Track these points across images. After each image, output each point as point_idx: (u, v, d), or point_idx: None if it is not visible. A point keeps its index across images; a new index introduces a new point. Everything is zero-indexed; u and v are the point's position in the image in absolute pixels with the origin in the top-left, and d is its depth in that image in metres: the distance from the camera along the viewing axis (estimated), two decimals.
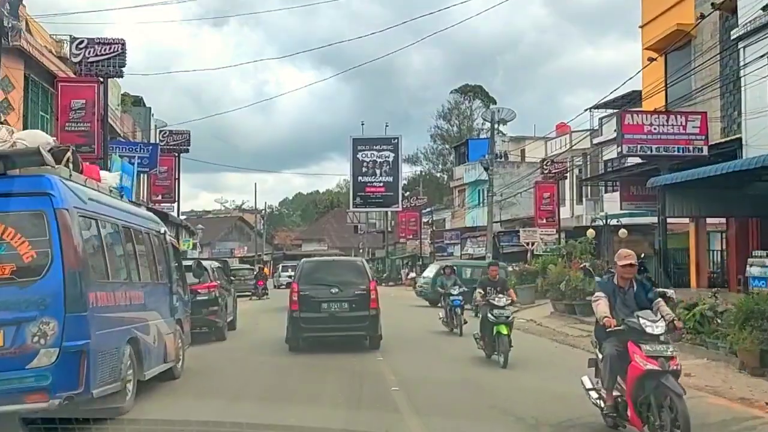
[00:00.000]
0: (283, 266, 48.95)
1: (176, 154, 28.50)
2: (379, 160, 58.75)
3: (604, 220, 26.06)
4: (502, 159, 53.04)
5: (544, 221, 30.97)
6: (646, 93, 20.05)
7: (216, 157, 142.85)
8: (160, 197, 28.24)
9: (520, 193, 40.40)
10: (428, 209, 53.68)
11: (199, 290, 13.95)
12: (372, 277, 13.88)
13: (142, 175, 26.14)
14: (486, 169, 32.93)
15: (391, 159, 58.76)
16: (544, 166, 30.97)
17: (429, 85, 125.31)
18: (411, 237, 50.73)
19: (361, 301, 12.87)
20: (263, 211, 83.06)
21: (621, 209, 20.78)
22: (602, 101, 29.97)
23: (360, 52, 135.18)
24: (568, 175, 31.52)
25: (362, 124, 67.64)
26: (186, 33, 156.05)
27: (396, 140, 59.10)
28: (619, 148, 16.42)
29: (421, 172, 79.88)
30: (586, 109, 37.28)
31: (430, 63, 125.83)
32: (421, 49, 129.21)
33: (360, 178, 58.83)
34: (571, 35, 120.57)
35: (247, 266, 39.72)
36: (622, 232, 25.32)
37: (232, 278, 36.89)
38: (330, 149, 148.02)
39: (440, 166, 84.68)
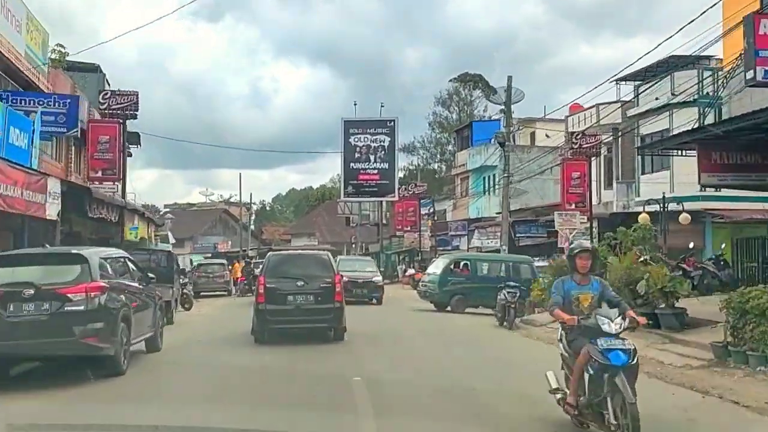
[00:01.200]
0: (255, 263, 45.47)
1: (121, 121, 22.86)
2: (373, 144, 53.12)
3: (661, 204, 20.66)
4: (511, 143, 47.66)
5: (573, 206, 25.46)
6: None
7: (209, 152, 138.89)
8: (99, 173, 22.62)
9: (530, 178, 35.29)
10: (428, 199, 48.04)
11: (66, 294, 8.41)
12: (337, 270, 13.76)
13: (60, 139, 20.59)
14: (502, 144, 27.36)
15: (386, 143, 53.16)
16: (574, 140, 25.41)
17: (425, 82, 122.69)
18: (409, 229, 45.09)
19: (326, 293, 12.96)
20: (249, 204, 77.00)
21: (700, 183, 15.20)
22: (626, 70, 24.67)
23: (356, 48, 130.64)
24: (599, 151, 25.92)
25: (355, 105, 62.11)
26: (181, 28, 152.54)
27: (392, 123, 53.46)
28: (750, 72, 10.72)
29: (417, 165, 74.49)
30: (610, 79, 31.75)
31: (425, 59, 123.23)
32: (416, 46, 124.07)
33: (352, 164, 53.20)
34: (566, 33, 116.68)
35: (219, 261, 34.14)
36: (684, 217, 20.02)
37: (201, 275, 31.90)
38: (325, 145, 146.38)
39: (438, 156, 79.17)
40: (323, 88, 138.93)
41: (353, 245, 62.13)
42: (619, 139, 30.08)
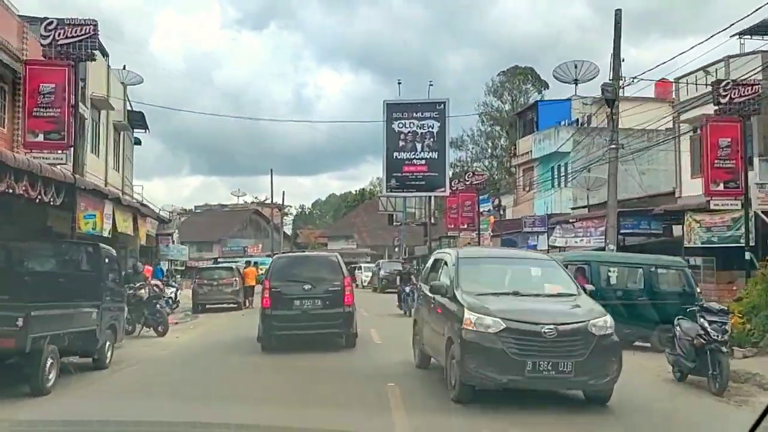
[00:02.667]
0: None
1: (72, 63, 15.85)
2: (420, 131, 45.66)
3: None
4: (585, 124, 39.78)
5: (720, 187, 17.72)
6: None
7: (252, 159, 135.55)
8: (40, 137, 15.63)
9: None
10: (485, 194, 40.27)
11: None
12: (346, 272, 12.92)
13: None
14: (610, 101, 19.45)
15: (435, 129, 45.63)
16: (722, 91, 17.57)
17: (468, 87, 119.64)
18: (465, 227, 37.45)
19: (334, 297, 12.32)
20: (282, 205, 69.81)
21: None
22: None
23: (398, 53, 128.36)
24: (757, 108, 17.93)
25: (399, 84, 54.65)
26: (225, 37, 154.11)
27: (442, 105, 45.86)
28: None
29: (466, 161, 66.64)
30: (734, 35, 23.85)
31: (468, 64, 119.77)
32: (460, 50, 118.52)
33: (396, 154, 45.80)
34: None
35: (226, 266, 26.80)
36: None
37: (204, 283, 24.94)
38: (367, 152, 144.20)
39: (489, 150, 71.24)
40: (365, 94, 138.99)
41: (396, 248, 54.75)
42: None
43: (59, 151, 15.96)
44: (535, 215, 32.94)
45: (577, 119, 40.30)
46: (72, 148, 16.22)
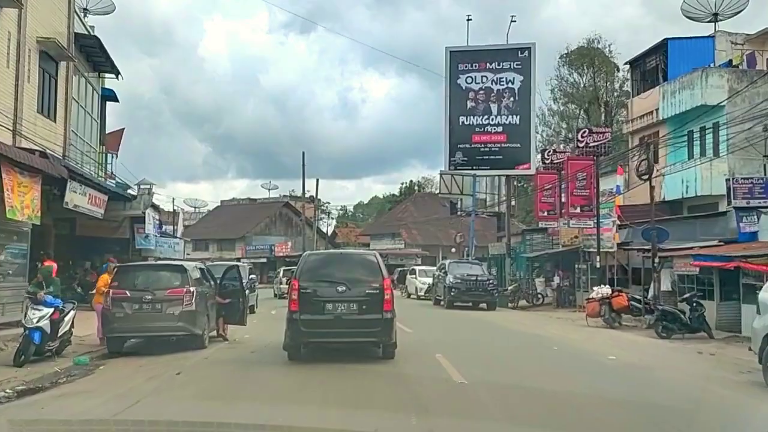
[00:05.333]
0: (284, 270, 34.84)
1: None
2: (496, 87, 33.94)
3: None
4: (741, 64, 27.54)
5: None
6: None
7: (297, 162, 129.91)
8: None
9: None
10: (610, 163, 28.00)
11: None
12: (386, 273, 11.35)
13: None
14: None
15: (516, 85, 33.86)
16: None
17: None
18: (578, 211, 25.38)
19: (372, 301, 10.91)
20: (316, 196, 57.65)
21: None
22: None
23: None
24: None
25: (468, 20, 43.16)
26: (273, 41, 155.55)
27: (526, 52, 33.99)
28: None
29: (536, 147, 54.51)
30: None
31: None
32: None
33: (463, 119, 34.16)
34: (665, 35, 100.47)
35: (170, 264, 14.41)
36: None
37: (125, 297, 13.65)
38: (411, 156, 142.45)
39: (564, 133, 58.50)
40: (411, 98, 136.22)
41: (453, 248, 42.90)
42: None
43: None
44: (754, 179, 20.44)
45: (730, 60, 28.21)
46: None
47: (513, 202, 36.14)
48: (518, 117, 33.69)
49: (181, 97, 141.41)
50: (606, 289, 18.87)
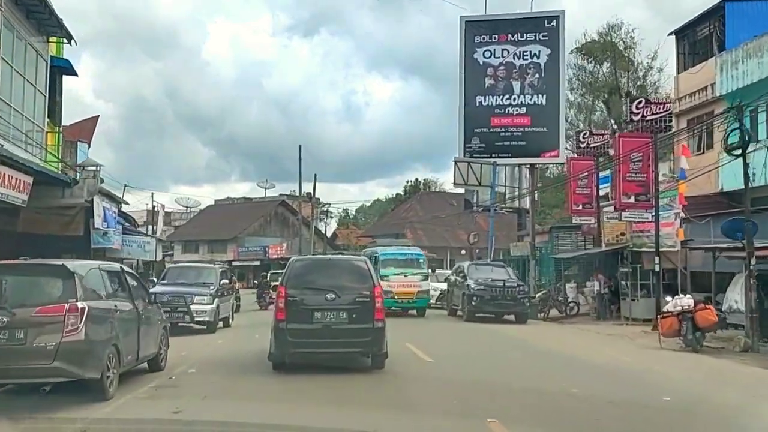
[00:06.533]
0: (272, 273, 33.57)
1: None
2: (519, 62, 29.33)
3: None
4: None
5: None
6: None
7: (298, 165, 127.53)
8: None
9: None
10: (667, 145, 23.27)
11: None
12: (377, 280, 10.95)
13: None
14: None
15: (543, 60, 29.24)
16: None
17: None
18: (633, 200, 20.62)
19: (362, 310, 10.42)
20: (313, 194, 52.55)
21: None
22: None
23: (450, 60, 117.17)
24: None
25: None
26: (276, 44, 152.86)
27: (554, 22, 29.34)
28: None
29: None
30: None
31: None
32: None
33: (480, 99, 29.56)
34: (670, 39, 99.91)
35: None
36: None
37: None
38: (415, 159, 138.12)
39: (580, 123, 53.78)
40: (415, 102, 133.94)
41: (472, 246, 38.24)
42: None
43: None
44: None
45: None
46: None
47: (536, 197, 31.44)
48: (544, 96, 29.06)
49: (184, 100, 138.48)
50: (687, 300, 14.21)
